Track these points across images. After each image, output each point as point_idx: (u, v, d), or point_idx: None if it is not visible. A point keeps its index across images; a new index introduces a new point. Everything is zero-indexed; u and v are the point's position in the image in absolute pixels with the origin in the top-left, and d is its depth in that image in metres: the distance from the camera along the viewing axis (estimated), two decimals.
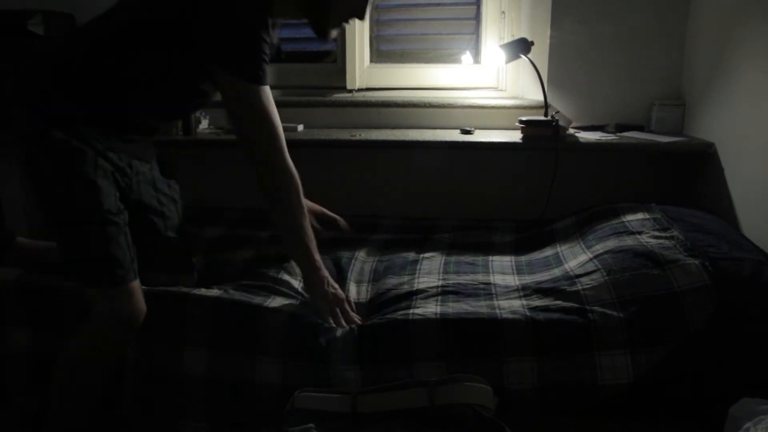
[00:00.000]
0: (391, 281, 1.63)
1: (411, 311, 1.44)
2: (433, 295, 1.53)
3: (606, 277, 1.47)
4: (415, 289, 1.57)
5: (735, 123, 1.88)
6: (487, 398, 1.24)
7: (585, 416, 1.33)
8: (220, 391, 1.41)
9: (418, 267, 1.70)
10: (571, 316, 1.39)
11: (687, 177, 2.20)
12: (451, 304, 1.47)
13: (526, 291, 1.52)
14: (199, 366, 1.41)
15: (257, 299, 1.49)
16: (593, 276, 1.50)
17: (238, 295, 1.50)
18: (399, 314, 1.44)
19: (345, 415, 1.23)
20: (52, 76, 1.35)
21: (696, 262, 1.44)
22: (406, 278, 1.64)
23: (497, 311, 1.42)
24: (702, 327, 1.35)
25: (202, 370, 1.41)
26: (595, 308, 1.40)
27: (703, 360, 1.35)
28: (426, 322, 1.39)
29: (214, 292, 1.50)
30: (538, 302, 1.46)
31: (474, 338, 1.37)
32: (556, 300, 1.45)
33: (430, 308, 1.45)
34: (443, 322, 1.39)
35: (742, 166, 1.84)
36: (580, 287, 1.48)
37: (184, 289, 1.50)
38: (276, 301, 1.49)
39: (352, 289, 1.64)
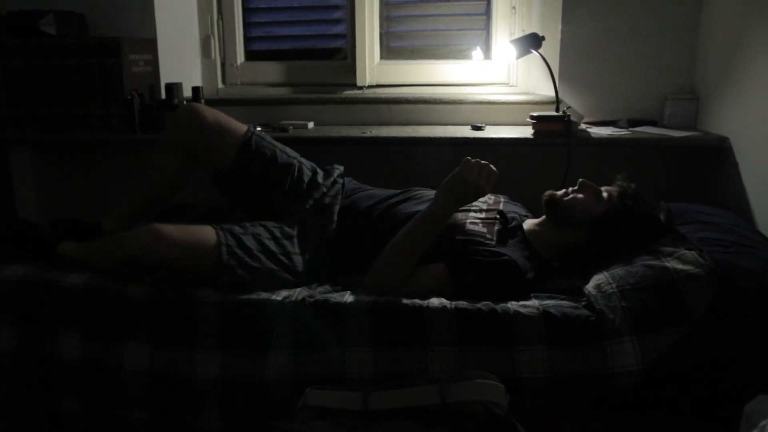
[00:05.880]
0: None
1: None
2: None
3: (605, 272, 1.52)
4: None
5: (750, 117, 1.85)
6: (500, 395, 1.23)
7: (597, 412, 1.33)
8: (233, 390, 1.42)
9: None
10: (579, 310, 1.42)
11: (701, 172, 2.18)
12: None
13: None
14: (211, 367, 1.42)
15: (263, 295, 1.48)
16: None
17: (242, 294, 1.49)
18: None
19: (356, 413, 1.23)
20: None
21: (693, 252, 1.46)
22: None
23: (509, 304, 1.43)
24: (705, 314, 1.35)
25: (215, 371, 1.42)
26: (600, 300, 1.43)
27: (716, 356, 1.34)
28: (441, 309, 1.41)
29: (216, 295, 1.48)
30: (547, 301, 1.47)
31: (487, 326, 1.38)
32: (563, 299, 1.48)
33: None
34: (457, 309, 1.41)
35: (757, 161, 1.82)
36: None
37: (188, 293, 1.49)
38: (279, 294, 1.49)
39: None
